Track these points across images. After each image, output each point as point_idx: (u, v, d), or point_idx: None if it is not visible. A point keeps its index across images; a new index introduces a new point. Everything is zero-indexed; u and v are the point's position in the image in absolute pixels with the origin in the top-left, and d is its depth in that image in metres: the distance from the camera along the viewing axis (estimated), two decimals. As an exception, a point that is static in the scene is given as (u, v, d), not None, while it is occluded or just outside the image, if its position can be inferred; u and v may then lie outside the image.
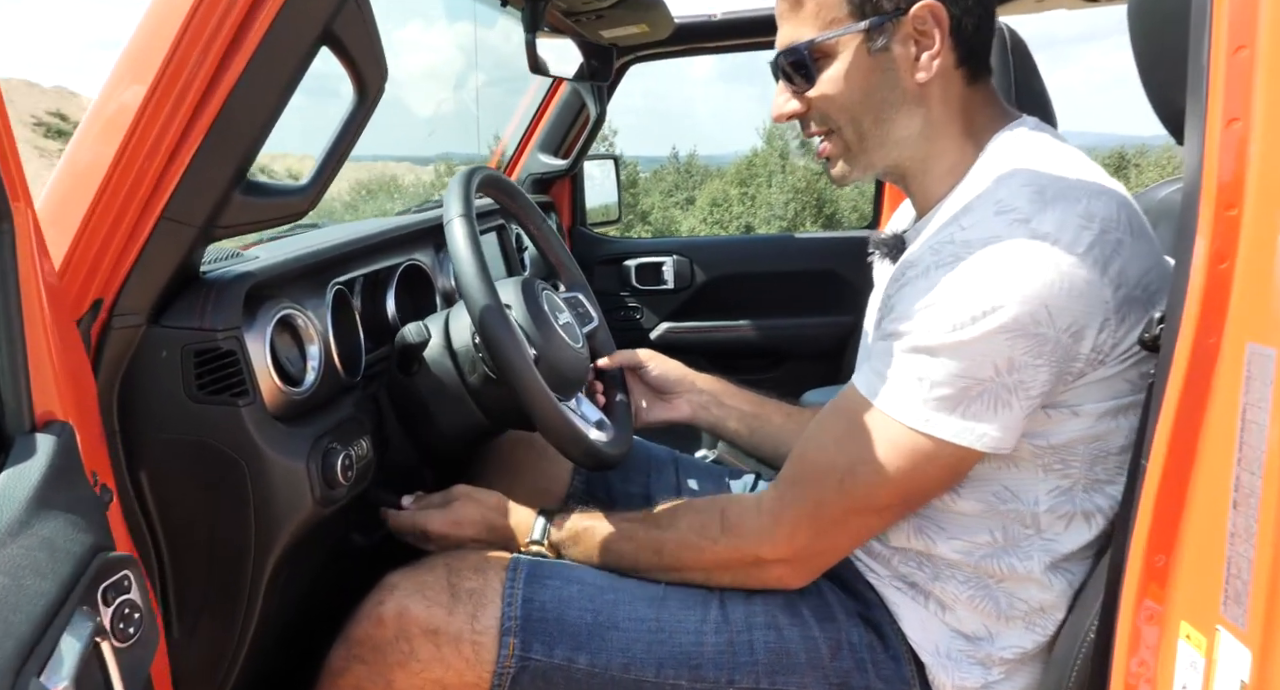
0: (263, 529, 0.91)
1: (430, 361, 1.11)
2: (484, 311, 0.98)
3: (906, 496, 0.89)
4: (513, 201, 1.26)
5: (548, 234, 1.33)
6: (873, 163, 0.96)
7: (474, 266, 0.99)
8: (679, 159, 43.01)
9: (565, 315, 1.18)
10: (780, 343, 2.30)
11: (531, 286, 1.15)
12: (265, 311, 0.94)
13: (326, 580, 1.13)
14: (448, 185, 1.08)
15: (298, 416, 0.97)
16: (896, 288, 0.87)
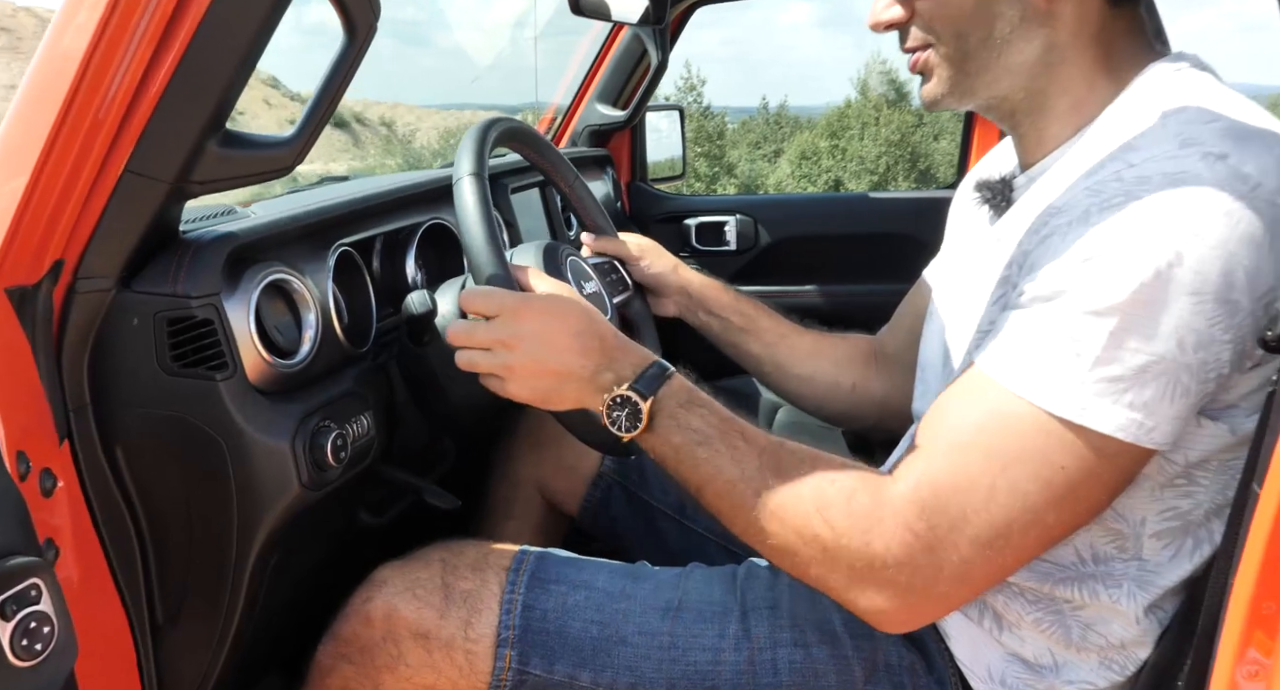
0: (246, 512, 0.84)
1: (442, 331, 1.02)
2: (482, 266, 0.88)
3: (1070, 517, 0.69)
4: (539, 156, 1.15)
5: (580, 191, 1.21)
6: (974, 89, 0.80)
7: (480, 231, 0.89)
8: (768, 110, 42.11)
9: (592, 284, 1.07)
10: (848, 311, 2.14)
11: (555, 251, 1.04)
12: (251, 276, 0.86)
13: (333, 561, 1.07)
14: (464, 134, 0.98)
15: (289, 391, 0.89)
16: (1038, 241, 0.71)
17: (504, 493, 1.30)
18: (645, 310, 1.24)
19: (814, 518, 0.73)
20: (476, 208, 0.90)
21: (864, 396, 1.18)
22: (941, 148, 34.92)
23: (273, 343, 0.89)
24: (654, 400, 0.79)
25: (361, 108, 30.28)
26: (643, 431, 0.79)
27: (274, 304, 0.91)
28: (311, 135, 0.82)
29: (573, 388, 0.82)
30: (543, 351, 0.81)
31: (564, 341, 0.82)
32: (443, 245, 1.26)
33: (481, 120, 1.01)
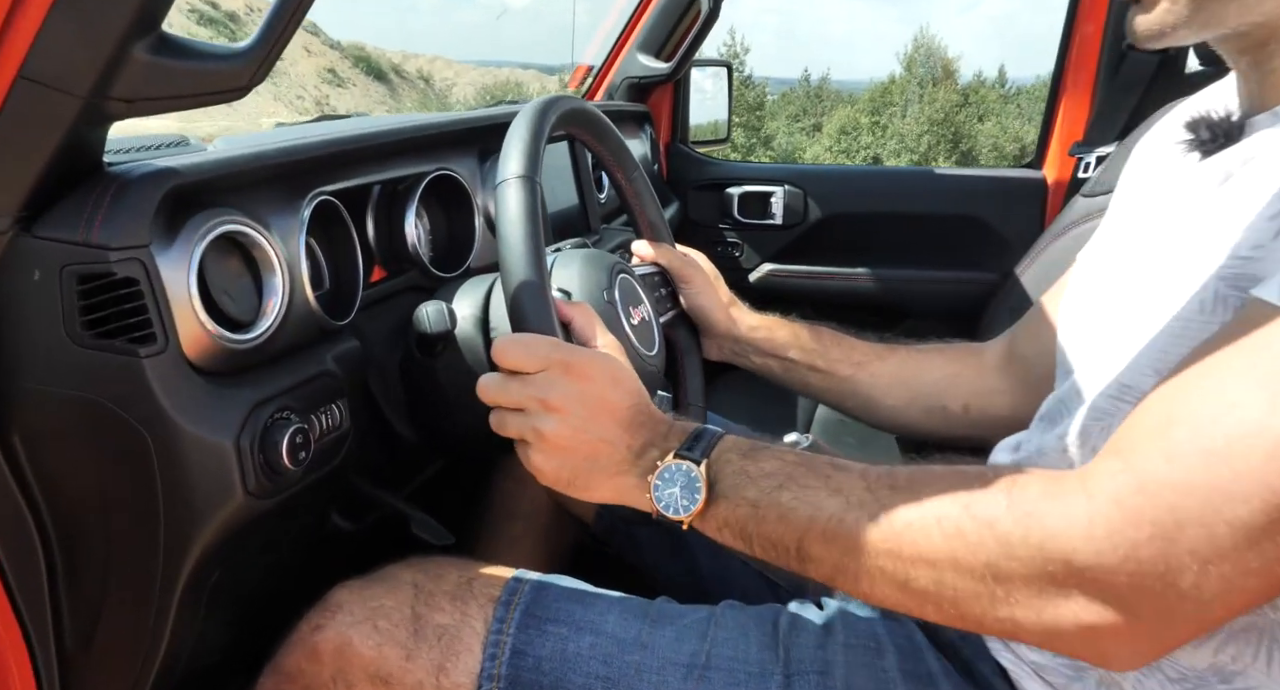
0: (174, 523, 0.67)
1: (460, 341, 0.85)
2: (527, 309, 0.70)
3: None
4: (599, 143, 0.95)
5: (640, 187, 1.02)
6: (1223, 17, 0.60)
7: (524, 256, 0.70)
8: (810, 82, 41.32)
9: (642, 309, 0.89)
10: (903, 297, 1.94)
11: (604, 269, 0.86)
12: (196, 225, 0.68)
13: (295, 575, 0.90)
14: (513, 121, 0.78)
15: (239, 372, 0.72)
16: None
17: (507, 488, 1.13)
18: (693, 338, 1.05)
19: (965, 521, 0.53)
20: (523, 224, 0.71)
21: (983, 416, 0.95)
22: (985, 129, 34.17)
23: (222, 311, 0.71)
24: (709, 462, 0.63)
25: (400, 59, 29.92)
26: (704, 505, 0.62)
27: (227, 262, 0.73)
28: (274, 47, 0.63)
29: (608, 472, 0.66)
30: (587, 420, 0.65)
31: (613, 413, 0.66)
32: (452, 201, 1.08)
33: (536, 101, 0.81)
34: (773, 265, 2.02)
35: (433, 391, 0.87)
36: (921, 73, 36.27)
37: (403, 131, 0.98)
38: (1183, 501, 0.47)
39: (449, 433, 0.89)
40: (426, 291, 0.99)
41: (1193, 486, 0.47)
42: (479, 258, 1.07)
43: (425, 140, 1.03)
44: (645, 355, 0.85)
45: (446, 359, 0.86)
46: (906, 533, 0.55)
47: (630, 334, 0.84)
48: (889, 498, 0.56)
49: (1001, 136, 33.23)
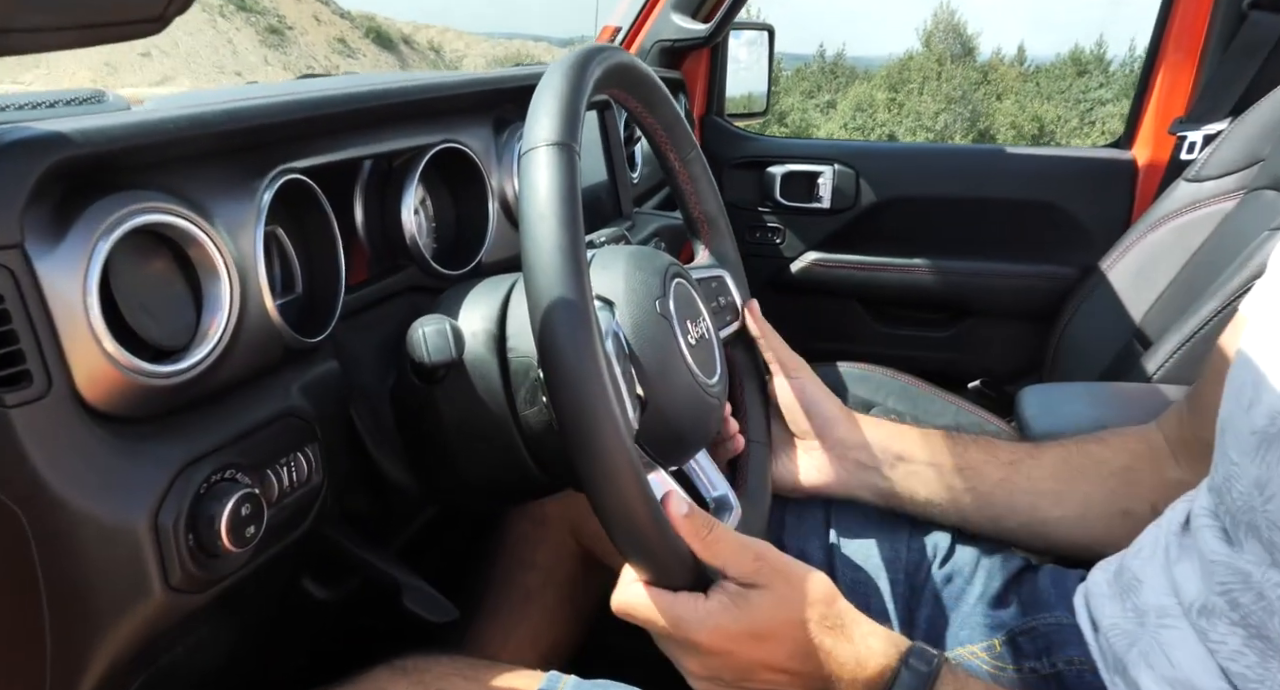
0: (66, 632, 0.48)
1: (469, 365, 0.65)
2: (554, 321, 0.49)
3: None
4: (649, 112, 0.74)
5: (698, 172, 0.80)
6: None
7: (556, 236, 0.50)
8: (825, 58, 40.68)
9: (700, 325, 0.69)
10: (965, 294, 1.73)
11: (654, 268, 0.67)
12: (97, 214, 0.48)
13: (254, 658, 0.71)
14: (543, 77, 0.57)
15: (162, 418, 0.52)
16: None
17: (523, 530, 0.93)
18: (755, 361, 0.83)
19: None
20: (558, 207, 0.51)
21: None
22: (1004, 107, 33.64)
23: (136, 334, 0.51)
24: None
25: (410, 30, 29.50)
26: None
27: (147, 266, 0.53)
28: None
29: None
30: (735, 682, 0.56)
31: (766, 673, 0.55)
32: (460, 182, 0.87)
33: (574, 51, 0.60)
34: (818, 254, 1.81)
35: (433, 428, 0.68)
36: (941, 49, 35.69)
37: (401, 93, 0.77)
38: None
39: (452, 479, 0.70)
40: (428, 294, 0.79)
41: None
42: (493, 252, 0.87)
43: (429, 105, 0.82)
44: (704, 384, 0.66)
45: (451, 387, 0.66)
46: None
47: (687, 356, 0.64)
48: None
49: (1020, 115, 32.67)
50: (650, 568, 0.54)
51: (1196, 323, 1.09)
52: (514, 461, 0.65)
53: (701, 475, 0.73)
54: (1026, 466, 0.75)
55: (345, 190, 0.78)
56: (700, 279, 0.77)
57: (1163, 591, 0.60)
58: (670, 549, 0.53)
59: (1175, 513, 0.65)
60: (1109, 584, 0.66)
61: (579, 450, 0.49)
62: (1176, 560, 0.60)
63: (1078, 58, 34.73)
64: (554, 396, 0.49)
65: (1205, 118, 1.43)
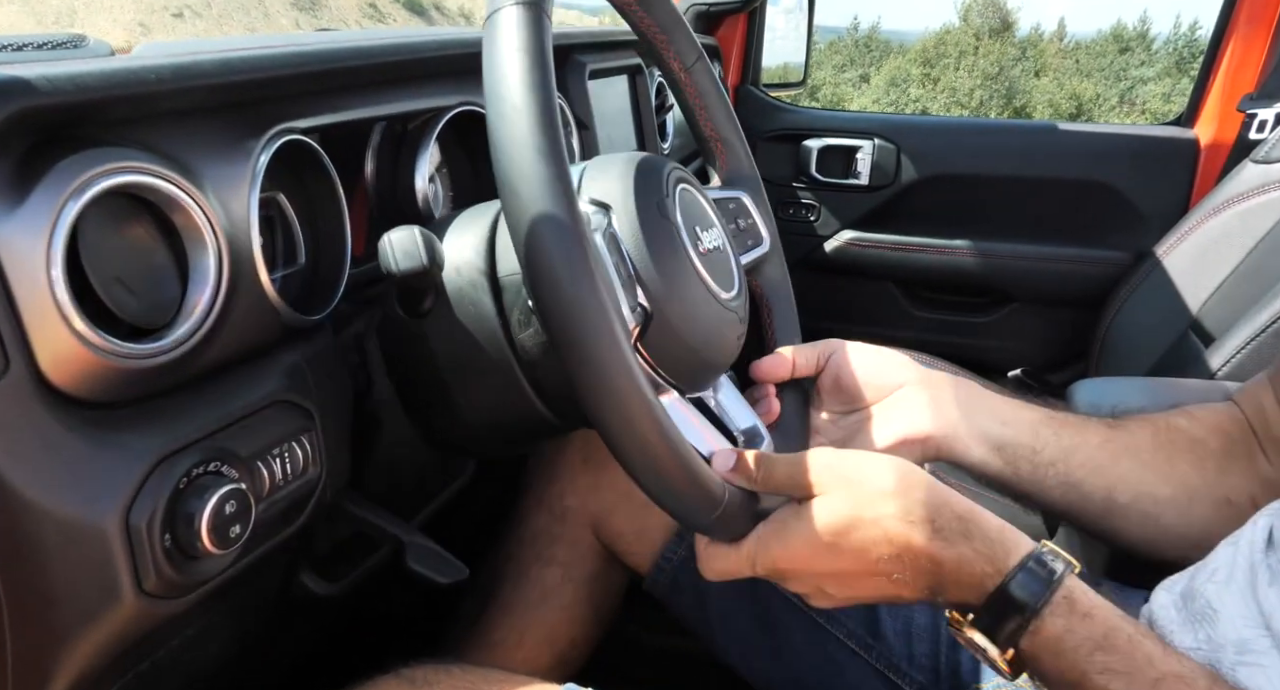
0: (28, 641, 0.43)
1: (455, 295, 0.59)
2: (531, 214, 0.44)
3: None
4: (643, 9, 0.66)
5: (701, 78, 0.72)
6: None
7: (529, 105, 0.44)
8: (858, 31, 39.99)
9: (714, 234, 0.62)
10: (1008, 278, 1.65)
11: (655, 173, 0.59)
12: (64, 173, 0.43)
13: (251, 657, 0.66)
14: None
15: (136, 404, 0.47)
16: None
17: (541, 524, 0.88)
18: (783, 278, 0.77)
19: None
20: (525, 61, 0.45)
21: None
22: (1042, 85, 32.97)
23: (109, 309, 0.46)
24: (1020, 655, 0.49)
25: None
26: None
27: (124, 232, 0.48)
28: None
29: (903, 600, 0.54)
30: (840, 593, 0.54)
31: (862, 579, 0.52)
32: (480, 146, 0.81)
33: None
34: (854, 233, 1.74)
35: (427, 367, 0.61)
36: (978, 24, 34.95)
37: (418, 49, 0.71)
38: None
39: (452, 423, 0.63)
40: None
41: None
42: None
43: (447, 64, 0.76)
44: (720, 296, 0.59)
45: (439, 319, 0.59)
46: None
47: (698, 264, 0.58)
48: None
49: (1058, 93, 31.98)
50: (684, 508, 0.49)
51: (1270, 316, 1.01)
52: (515, 396, 0.59)
53: (726, 407, 0.66)
54: (1123, 434, 0.66)
55: (354, 154, 0.72)
56: (716, 198, 0.69)
57: (1245, 622, 0.53)
58: (699, 484, 0.48)
59: (1257, 528, 0.58)
60: (1177, 609, 0.59)
61: (573, 363, 0.44)
62: (1269, 583, 0.53)
63: (1120, 34, 33.89)
64: (538, 302, 0.44)
65: (1278, 94, 1.33)
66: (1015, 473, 0.66)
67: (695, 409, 0.58)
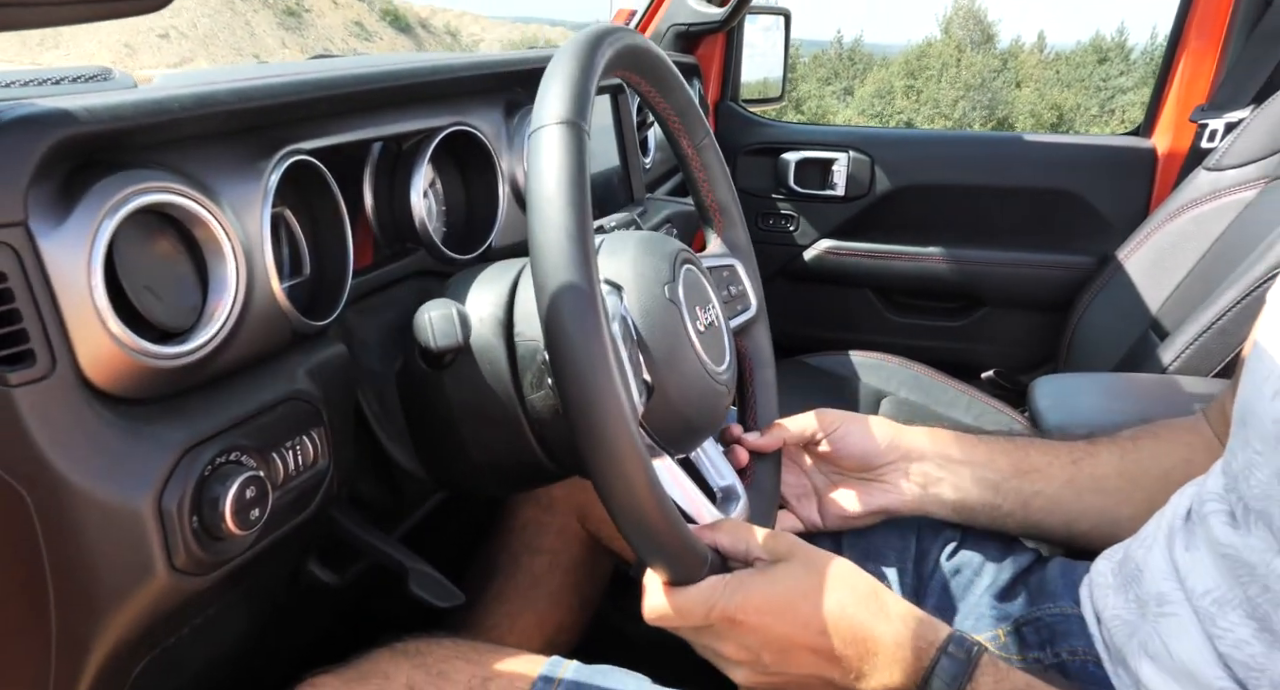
0: (70, 613, 0.48)
1: (476, 349, 0.65)
2: (560, 303, 0.49)
3: None
4: (661, 97, 0.72)
5: (711, 159, 0.78)
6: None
7: (564, 218, 0.50)
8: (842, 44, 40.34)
9: (710, 311, 0.68)
10: (979, 283, 1.71)
11: (663, 254, 0.66)
12: (102, 193, 0.48)
13: (263, 642, 0.71)
14: (553, 57, 0.57)
15: (166, 400, 0.52)
16: None
17: (530, 515, 0.93)
18: (767, 349, 0.83)
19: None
20: (567, 189, 0.50)
21: None
22: (1023, 95, 33.30)
23: (142, 315, 0.51)
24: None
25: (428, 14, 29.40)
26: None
27: (153, 246, 0.53)
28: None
29: None
30: (775, 665, 0.56)
31: (805, 650, 0.55)
32: (471, 165, 0.87)
33: (585, 31, 0.60)
34: (831, 242, 1.80)
35: (440, 412, 0.67)
36: (960, 36, 35.31)
37: (412, 74, 0.77)
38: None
39: (459, 464, 0.70)
40: (437, 278, 0.79)
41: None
42: (503, 236, 0.86)
43: (439, 87, 0.82)
44: (713, 371, 0.65)
45: (458, 371, 0.66)
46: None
47: (695, 342, 0.64)
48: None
49: (1039, 103, 32.33)
50: (662, 559, 0.54)
51: (1214, 313, 1.07)
52: (520, 446, 0.65)
53: (709, 464, 0.73)
54: (1089, 464, 0.73)
55: (354, 172, 0.77)
56: (712, 268, 0.76)
57: (1163, 576, 0.59)
58: (681, 537, 0.53)
59: (1181, 498, 0.64)
60: (1113, 574, 0.65)
61: (584, 434, 0.49)
62: (1185, 547, 0.59)
63: (1098, 45, 34.30)
64: (559, 380, 0.49)
65: (1227, 105, 1.41)
66: (975, 521, 0.75)
67: (682, 470, 0.64)
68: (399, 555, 0.67)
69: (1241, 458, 0.56)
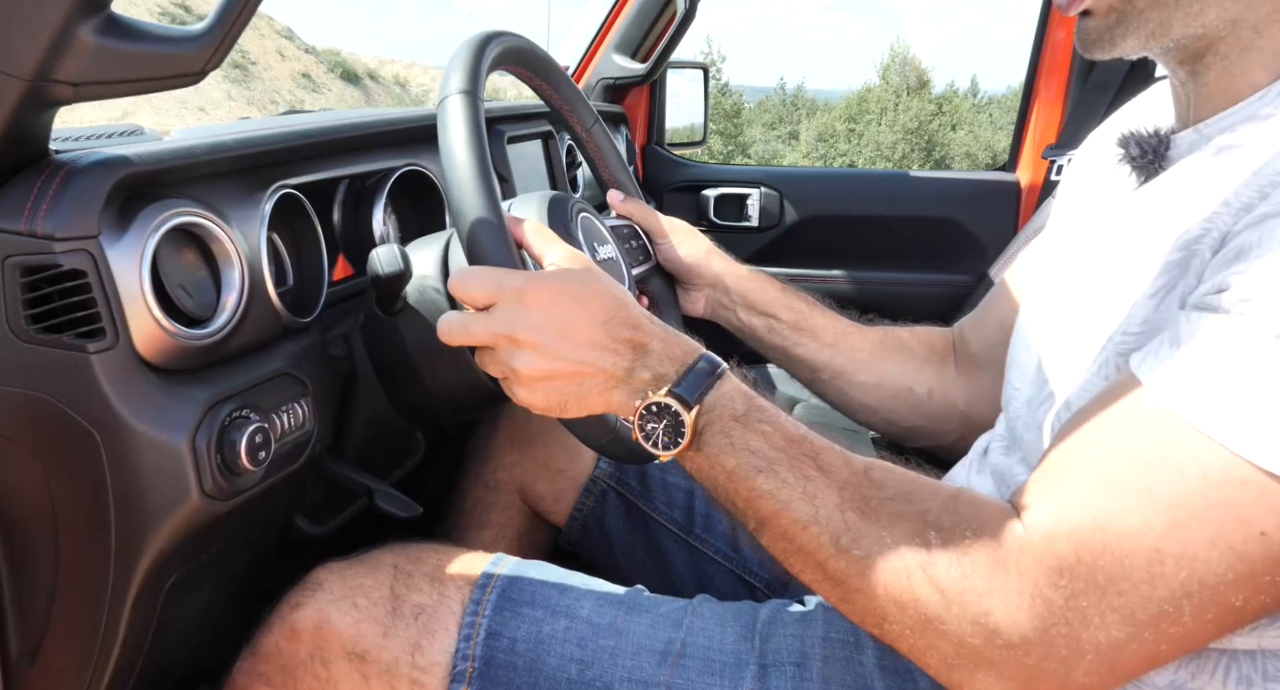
0: (127, 527, 0.65)
1: (418, 297, 0.82)
2: (475, 228, 0.65)
3: (1269, 600, 0.49)
4: (552, 88, 0.92)
5: (600, 139, 0.99)
6: (1169, 23, 0.59)
7: (470, 163, 0.66)
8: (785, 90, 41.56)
9: (608, 248, 0.86)
10: (881, 300, 1.94)
11: (563, 204, 0.83)
12: (149, 216, 0.66)
13: (258, 580, 0.87)
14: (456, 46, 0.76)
15: (195, 370, 0.69)
16: (1253, 221, 0.52)
17: (479, 495, 1.10)
18: (669, 289, 1.02)
19: (915, 577, 0.54)
20: (466, 138, 0.67)
21: (944, 405, 0.96)
22: (958, 138, 34.53)
23: (176, 306, 0.68)
24: (701, 410, 0.60)
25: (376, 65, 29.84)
26: (685, 449, 0.61)
27: (182, 256, 0.70)
28: (230, 31, 0.61)
29: (597, 392, 0.62)
30: (559, 347, 0.61)
31: (585, 333, 0.61)
32: (422, 197, 1.05)
33: (479, 31, 0.79)
34: (749, 267, 2.01)
35: (399, 353, 0.83)
36: (897, 82, 36.60)
37: (371, 125, 0.96)
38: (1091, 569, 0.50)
39: (420, 395, 0.85)
40: None
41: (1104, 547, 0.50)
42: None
43: (395, 135, 1.01)
44: None
45: (408, 316, 0.82)
46: (859, 567, 0.55)
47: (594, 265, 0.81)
48: (856, 525, 0.56)
49: (974, 144, 33.59)
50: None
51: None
52: (467, 373, 0.80)
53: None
54: (854, 339, 0.99)
55: (327, 203, 0.95)
56: (613, 227, 0.94)
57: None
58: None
59: (980, 441, 0.84)
60: None
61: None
62: (976, 472, 0.79)
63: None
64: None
65: (1069, 144, 1.65)
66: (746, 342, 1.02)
67: None
68: (367, 481, 0.84)
69: (1008, 392, 0.76)
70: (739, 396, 0.61)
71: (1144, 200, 0.66)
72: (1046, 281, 0.78)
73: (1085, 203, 0.80)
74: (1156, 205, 0.63)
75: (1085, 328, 0.64)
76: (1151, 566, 0.49)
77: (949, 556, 0.53)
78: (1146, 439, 0.51)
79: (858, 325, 1.01)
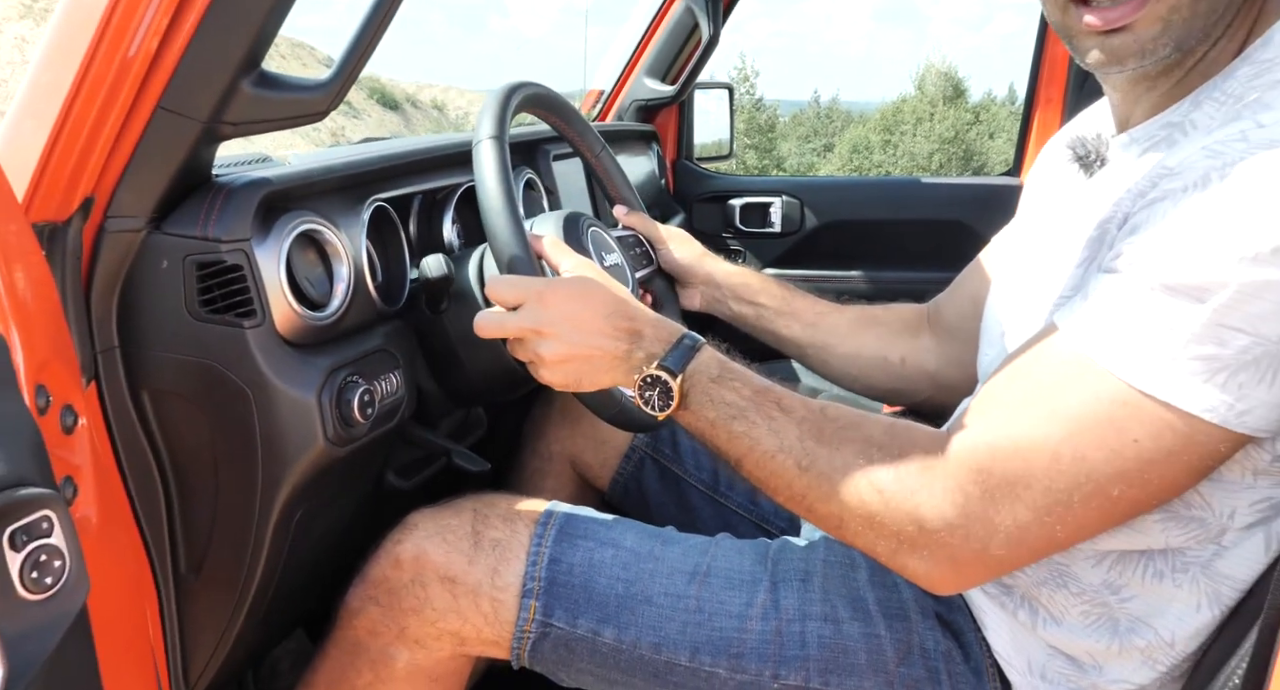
0: (270, 465, 0.83)
1: (460, 298, 1.00)
2: (504, 244, 0.86)
3: (1139, 494, 0.64)
4: (565, 123, 1.12)
5: (607, 162, 1.19)
6: (1191, 32, 0.69)
7: (498, 199, 0.87)
8: (819, 103, 41.62)
9: (614, 256, 1.04)
10: (893, 298, 2.08)
11: (575, 222, 1.02)
12: (283, 224, 0.84)
13: (359, 522, 1.05)
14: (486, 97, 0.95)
15: (317, 344, 0.88)
16: (1145, 204, 0.66)
17: (535, 466, 1.28)
18: (669, 288, 1.21)
19: (861, 485, 0.70)
20: (495, 174, 0.88)
21: (915, 369, 1.13)
22: (996, 146, 34.24)
23: (303, 294, 0.87)
24: (684, 377, 0.77)
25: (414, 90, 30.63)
26: (676, 409, 0.77)
27: (305, 255, 0.89)
28: (348, 79, 0.80)
29: (605, 370, 0.80)
30: (573, 336, 0.79)
31: (593, 324, 0.79)
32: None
33: (504, 84, 0.98)
34: (773, 270, 2.18)
35: (444, 345, 1.01)
36: (933, 92, 36.47)
37: (443, 148, 1.15)
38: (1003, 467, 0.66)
39: (463, 380, 1.02)
40: None
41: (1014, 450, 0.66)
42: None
43: (460, 156, 1.20)
44: None
45: (450, 313, 0.99)
46: (815, 478, 0.72)
47: (602, 271, 0.97)
48: (813, 449, 0.73)
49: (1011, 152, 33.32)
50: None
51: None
52: (502, 358, 0.95)
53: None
54: (831, 317, 1.16)
55: (405, 214, 1.14)
56: (619, 237, 1.12)
57: None
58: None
59: (963, 404, 1.00)
60: None
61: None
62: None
63: (1066, 95, 35.31)
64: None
65: (1066, 148, 1.80)
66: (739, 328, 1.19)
67: None
68: (445, 444, 1.02)
69: (981, 359, 0.92)
70: (714, 363, 0.79)
71: (1085, 192, 0.82)
72: (1011, 261, 0.94)
73: (1044, 195, 0.96)
74: (1092, 196, 0.79)
75: (1036, 297, 0.80)
76: (1051, 465, 0.65)
77: (887, 467, 0.70)
78: (1056, 370, 0.67)
79: (835, 305, 1.19)
